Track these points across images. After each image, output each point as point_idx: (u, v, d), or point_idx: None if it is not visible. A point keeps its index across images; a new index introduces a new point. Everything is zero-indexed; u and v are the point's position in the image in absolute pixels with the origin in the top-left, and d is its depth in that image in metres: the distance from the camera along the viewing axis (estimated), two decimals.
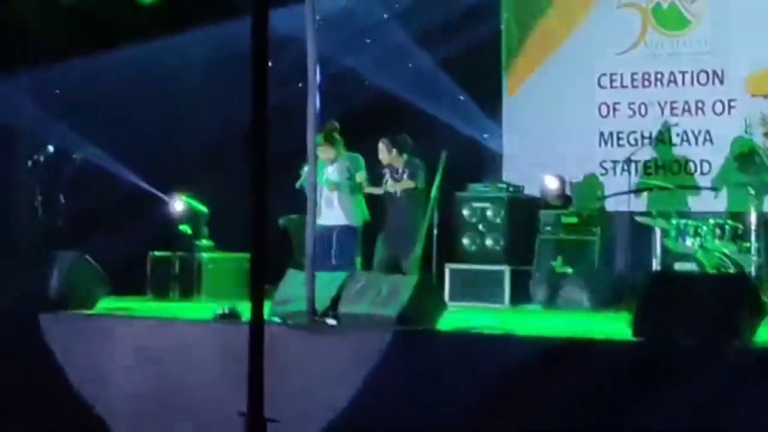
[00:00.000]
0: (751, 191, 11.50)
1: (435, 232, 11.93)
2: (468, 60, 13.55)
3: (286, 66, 10.25)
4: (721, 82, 12.88)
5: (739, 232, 11.47)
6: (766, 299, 9.42)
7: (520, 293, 12.72)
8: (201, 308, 11.29)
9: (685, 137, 13.03)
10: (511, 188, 13.32)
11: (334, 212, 11.94)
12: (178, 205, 13.92)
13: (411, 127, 12.64)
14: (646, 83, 13.29)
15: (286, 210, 12.77)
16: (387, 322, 8.93)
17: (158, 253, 13.71)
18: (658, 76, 13.22)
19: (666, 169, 13.06)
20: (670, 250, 11.65)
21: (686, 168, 12.98)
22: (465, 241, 13.21)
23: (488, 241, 13.12)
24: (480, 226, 13.17)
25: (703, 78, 12.97)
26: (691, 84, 13.05)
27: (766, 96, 12.40)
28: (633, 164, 12.80)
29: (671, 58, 13.19)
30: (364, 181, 12.14)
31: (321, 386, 8.74)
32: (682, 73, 13.09)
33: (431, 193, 11.90)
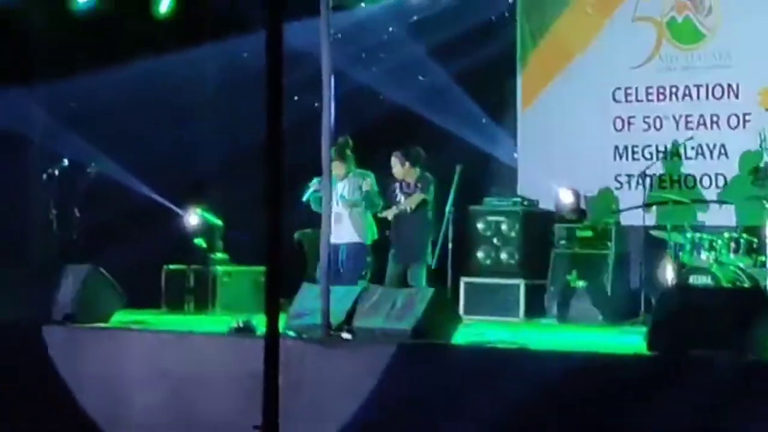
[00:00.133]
0: (766, 205, 11.45)
1: (450, 246, 11.90)
2: (482, 74, 13.53)
3: (299, 80, 10.24)
4: (736, 95, 12.82)
5: (754, 246, 11.45)
6: None
7: (535, 307, 12.71)
8: (216, 321, 11.30)
9: (700, 151, 12.97)
10: (526, 202, 13.31)
11: (344, 228, 11.81)
12: (193, 218, 13.95)
13: (425, 141, 12.59)
14: (661, 97, 13.25)
15: (300, 224, 12.76)
16: (402, 335, 8.93)
17: (173, 267, 13.73)
18: (673, 90, 13.18)
19: (680, 184, 13.02)
20: (685, 264, 11.62)
21: (701, 182, 12.94)
22: (480, 254, 13.20)
23: (503, 255, 13.11)
24: (495, 240, 13.16)
25: (718, 91, 12.93)
26: (706, 98, 13.00)
27: None
28: (648, 178, 12.75)
29: (686, 72, 13.14)
30: (372, 190, 11.94)
31: (336, 400, 8.73)
32: (697, 86, 13.04)
33: (447, 206, 11.87)
